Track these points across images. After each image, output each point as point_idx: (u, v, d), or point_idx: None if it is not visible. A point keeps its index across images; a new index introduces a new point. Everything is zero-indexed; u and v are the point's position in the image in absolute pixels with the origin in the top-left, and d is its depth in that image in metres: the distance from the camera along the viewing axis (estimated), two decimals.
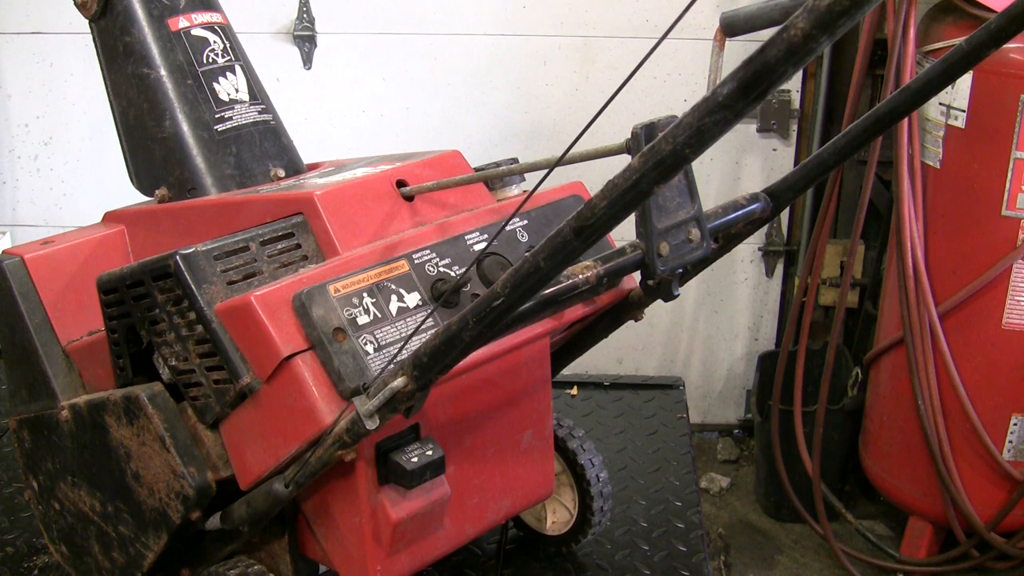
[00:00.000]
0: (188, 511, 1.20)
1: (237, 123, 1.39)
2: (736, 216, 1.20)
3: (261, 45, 3.02)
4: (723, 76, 0.67)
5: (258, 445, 1.14)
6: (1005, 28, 0.99)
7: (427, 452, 1.14)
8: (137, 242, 1.40)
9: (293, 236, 1.19)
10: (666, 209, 1.05)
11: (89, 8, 1.39)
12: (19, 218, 3.32)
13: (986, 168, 2.37)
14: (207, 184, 1.36)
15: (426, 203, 1.26)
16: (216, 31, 1.41)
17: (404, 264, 1.16)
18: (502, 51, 3.09)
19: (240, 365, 1.11)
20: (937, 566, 2.73)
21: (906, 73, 2.40)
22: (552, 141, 3.13)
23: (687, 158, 0.71)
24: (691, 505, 1.68)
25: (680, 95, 3.08)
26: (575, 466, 1.47)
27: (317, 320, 1.07)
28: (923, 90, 1.08)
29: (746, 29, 2.54)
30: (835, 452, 2.96)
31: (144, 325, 1.20)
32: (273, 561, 1.28)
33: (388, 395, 0.99)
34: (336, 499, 1.18)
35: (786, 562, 2.97)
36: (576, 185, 1.36)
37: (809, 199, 3.07)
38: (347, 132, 3.16)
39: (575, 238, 0.80)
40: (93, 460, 1.30)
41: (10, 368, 1.43)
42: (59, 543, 1.43)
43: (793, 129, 3.12)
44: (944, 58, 1.05)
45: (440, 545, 1.27)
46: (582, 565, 1.53)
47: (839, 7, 0.60)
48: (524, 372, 1.31)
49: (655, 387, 2.05)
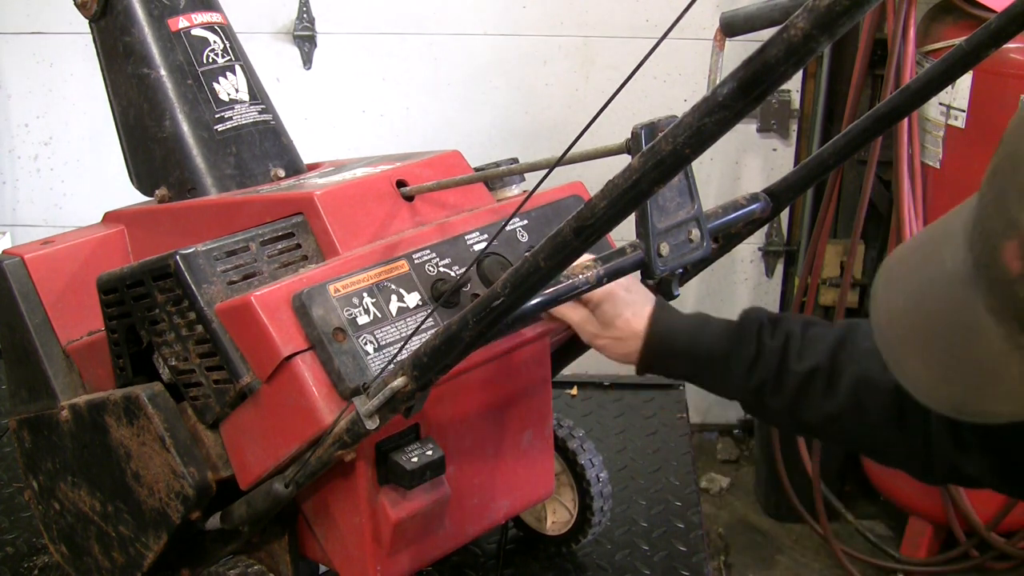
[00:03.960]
0: (188, 511, 1.20)
1: (237, 123, 1.39)
2: (736, 216, 1.20)
3: (261, 45, 3.02)
4: (723, 76, 0.67)
5: (258, 445, 1.14)
6: (1005, 28, 1.00)
7: (427, 452, 1.14)
8: (137, 242, 1.40)
9: (293, 236, 1.19)
10: (666, 209, 1.05)
11: (89, 8, 1.39)
12: (19, 218, 3.31)
13: (986, 168, 2.37)
14: (207, 184, 1.36)
15: (426, 203, 1.26)
16: (216, 31, 1.41)
17: (404, 264, 1.16)
18: (502, 51, 3.09)
19: (240, 365, 1.11)
20: (937, 566, 2.73)
21: (906, 73, 2.40)
22: (552, 141, 3.13)
23: (687, 158, 0.71)
24: (691, 505, 1.67)
25: (680, 95, 3.08)
26: (575, 466, 1.47)
27: (317, 320, 1.07)
28: (923, 90, 1.08)
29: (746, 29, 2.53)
30: (835, 452, 2.96)
31: (144, 325, 1.19)
32: (273, 561, 1.28)
33: (388, 395, 0.99)
34: (336, 499, 1.18)
35: (786, 562, 2.97)
36: (576, 185, 1.36)
37: (809, 199, 3.07)
38: (347, 132, 3.16)
39: (575, 238, 0.80)
40: (93, 460, 1.30)
41: (10, 368, 1.43)
42: (59, 543, 1.43)
43: (793, 129, 3.12)
44: (944, 58, 1.05)
45: (440, 545, 1.27)
46: (582, 565, 1.53)
47: (839, 7, 0.60)
48: (524, 372, 1.31)
49: (655, 387, 2.05)
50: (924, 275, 0.75)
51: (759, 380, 1.13)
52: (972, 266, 0.70)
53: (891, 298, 0.77)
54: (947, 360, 0.73)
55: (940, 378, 0.74)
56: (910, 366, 0.76)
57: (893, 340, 0.77)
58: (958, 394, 0.74)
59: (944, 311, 0.73)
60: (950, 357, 0.73)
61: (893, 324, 0.77)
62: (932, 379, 0.75)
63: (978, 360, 0.71)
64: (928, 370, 0.75)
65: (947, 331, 0.73)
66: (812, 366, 1.11)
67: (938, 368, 0.74)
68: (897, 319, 0.76)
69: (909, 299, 0.76)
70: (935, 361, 0.74)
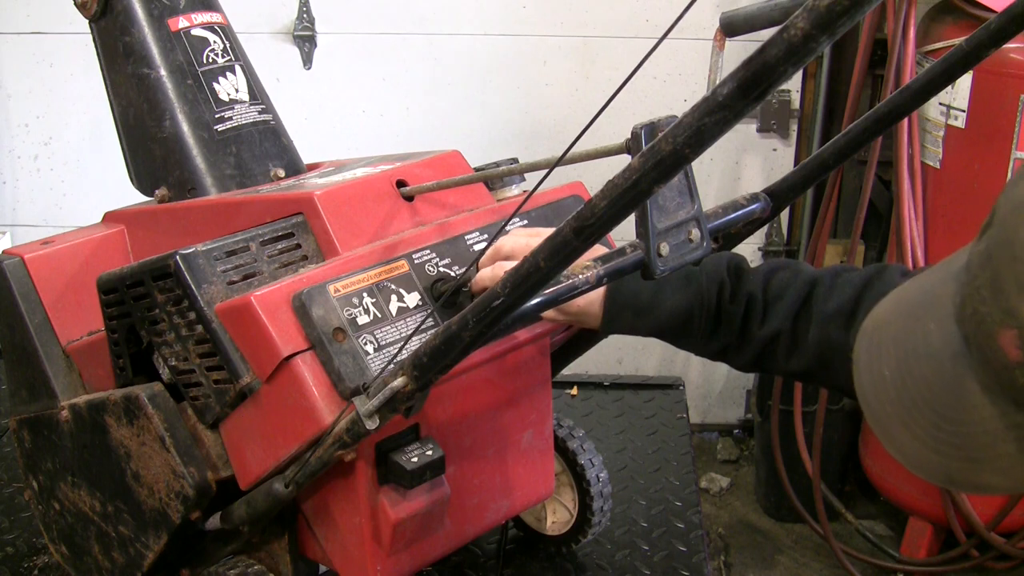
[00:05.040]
0: (188, 511, 1.20)
1: (237, 123, 1.39)
2: (736, 216, 1.20)
3: (261, 45, 3.02)
4: (723, 76, 0.67)
5: (258, 445, 1.14)
6: (1005, 28, 0.99)
7: (427, 452, 1.14)
8: (137, 242, 1.40)
9: (293, 236, 1.19)
10: (666, 209, 1.05)
11: (89, 8, 1.39)
12: (19, 218, 3.31)
13: (986, 168, 2.37)
14: (207, 184, 1.36)
15: (426, 203, 1.26)
16: (216, 31, 1.41)
17: (404, 264, 1.16)
18: (502, 51, 3.09)
19: (240, 365, 1.11)
20: (937, 566, 2.73)
21: (906, 73, 2.40)
22: (552, 141, 3.13)
23: (687, 158, 0.71)
24: (691, 505, 1.67)
25: (680, 95, 3.08)
26: (575, 466, 1.47)
27: (317, 320, 1.07)
28: (923, 90, 1.08)
29: (746, 29, 2.54)
30: (835, 452, 2.96)
31: (144, 325, 1.19)
32: (273, 561, 1.28)
33: (388, 395, 0.99)
34: (336, 499, 1.18)
35: (786, 562, 2.97)
36: (576, 185, 1.36)
37: (809, 199, 3.07)
38: (347, 132, 3.16)
39: (575, 238, 0.80)
40: (93, 460, 1.30)
41: (10, 368, 1.43)
42: (59, 543, 1.43)
43: (793, 129, 3.12)
44: (944, 58, 1.05)
45: (440, 545, 1.27)
46: (582, 565, 1.53)
47: (839, 7, 0.60)
48: (524, 372, 1.31)
49: (655, 387, 2.05)
50: (909, 345, 0.74)
51: (722, 343, 1.15)
52: (961, 343, 0.69)
53: (875, 367, 0.76)
54: (937, 433, 0.72)
55: (931, 449, 0.73)
56: (898, 436, 0.74)
57: (879, 411, 0.75)
58: (949, 466, 0.72)
59: (933, 384, 0.71)
60: (940, 431, 0.72)
61: (879, 395, 0.75)
62: (922, 450, 0.73)
63: (970, 435, 0.70)
64: (917, 441, 0.73)
65: (937, 404, 0.71)
66: (775, 330, 1.12)
67: (928, 440, 0.72)
68: (883, 389, 0.75)
69: (895, 370, 0.74)
70: (924, 433, 0.72)
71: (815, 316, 1.11)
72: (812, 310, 1.11)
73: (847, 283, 1.11)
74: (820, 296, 1.11)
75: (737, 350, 1.15)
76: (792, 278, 1.14)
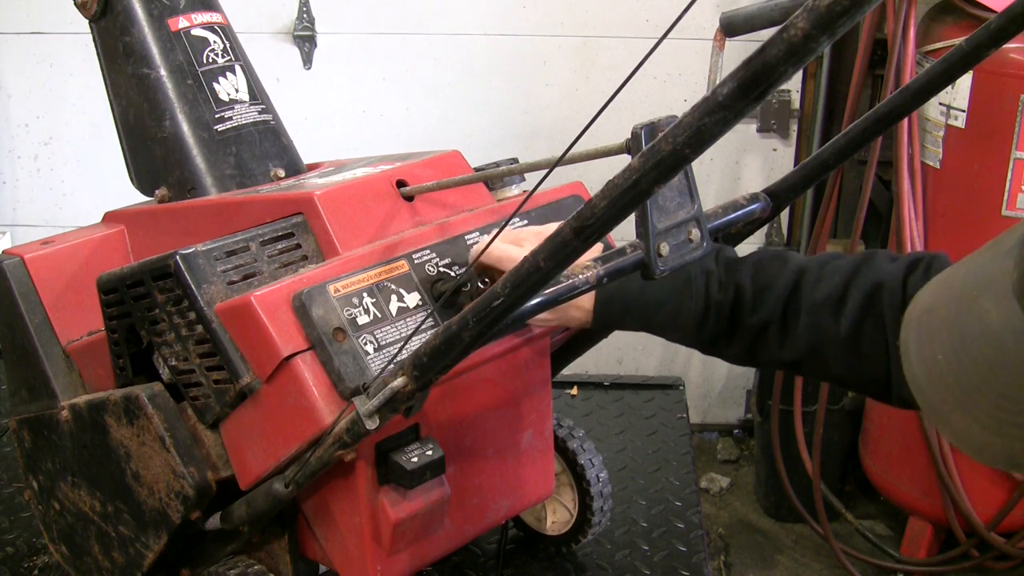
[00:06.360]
0: (188, 511, 1.20)
1: (237, 123, 1.39)
2: (736, 216, 1.20)
3: (261, 45, 3.02)
4: (723, 76, 0.67)
5: (258, 445, 1.14)
6: (1005, 28, 0.99)
7: (427, 452, 1.14)
8: (137, 242, 1.40)
9: (293, 236, 1.19)
10: (666, 209, 1.05)
11: (89, 8, 1.39)
12: (19, 218, 3.32)
13: (986, 168, 2.37)
14: (207, 184, 1.36)
15: (426, 203, 1.26)
16: (216, 31, 1.41)
17: (404, 264, 1.16)
18: (502, 51, 3.09)
19: (240, 365, 1.11)
20: (937, 566, 2.73)
21: (906, 73, 2.40)
22: (552, 141, 3.13)
23: (687, 158, 0.71)
24: (691, 505, 1.67)
25: (680, 95, 3.08)
26: (575, 466, 1.47)
27: (317, 320, 1.07)
28: (923, 90, 1.08)
29: (746, 29, 2.54)
30: (835, 452, 2.96)
31: (144, 325, 1.19)
32: (273, 561, 1.28)
33: (388, 395, 0.99)
34: (336, 499, 1.18)
35: (786, 562, 2.97)
36: (576, 185, 1.36)
37: (809, 199, 3.07)
38: (347, 132, 3.16)
39: (575, 238, 0.80)
40: (93, 460, 1.30)
41: (10, 368, 1.43)
42: (59, 543, 1.43)
43: (793, 129, 3.12)
44: (944, 58, 1.05)
45: (440, 545, 1.27)
46: (582, 565, 1.53)
47: (839, 7, 0.60)
48: (524, 372, 1.31)
49: (655, 387, 2.05)
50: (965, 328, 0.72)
51: (712, 333, 1.15)
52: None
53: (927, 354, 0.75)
54: (999, 415, 0.70)
55: (993, 432, 0.71)
56: (957, 422, 0.73)
57: (935, 398, 0.74)
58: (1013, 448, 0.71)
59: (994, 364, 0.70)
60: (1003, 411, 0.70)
61: (934, 381, 0.74)
62: (983, 433, 0.72)
63: None
64: (978, 424, 0.72)
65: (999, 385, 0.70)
66: (764, 319, 1.12)
67: (990, 423, 0.71)
68: (938, 375, 0.73)
69: (949, 354, 0.73)
70: (986, 415, 0.71)
71: (804, 304, 1.11)
72: (801, 298, 1.11)
73: (835, 270, 1.11)
74: (809, 284, 1.11)
75: (728, 340, 1.15)
76: (781, 267, 1.14)
